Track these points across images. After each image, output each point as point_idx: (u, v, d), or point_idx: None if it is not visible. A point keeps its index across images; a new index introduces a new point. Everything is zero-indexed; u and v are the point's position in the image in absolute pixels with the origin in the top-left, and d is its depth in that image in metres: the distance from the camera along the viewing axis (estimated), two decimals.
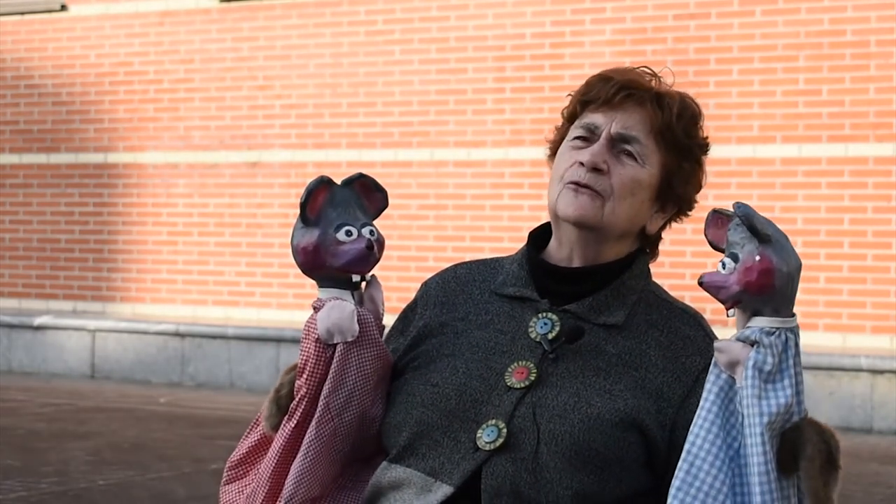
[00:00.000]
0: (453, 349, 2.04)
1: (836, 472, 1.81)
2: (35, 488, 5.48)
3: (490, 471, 1.91)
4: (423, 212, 9.79)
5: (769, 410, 1.79)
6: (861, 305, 8.70)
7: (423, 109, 9.86)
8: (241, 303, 10.31)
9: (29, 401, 8.32)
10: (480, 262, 2.18)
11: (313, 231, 1.96)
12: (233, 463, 2.11)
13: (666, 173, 2.06)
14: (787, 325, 1.82)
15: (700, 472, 1.82)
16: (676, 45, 9.18)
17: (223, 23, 10.54)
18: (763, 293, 1.80)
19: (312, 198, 1.96)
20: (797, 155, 8.86)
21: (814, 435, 1.81)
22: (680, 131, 2.06)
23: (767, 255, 1.80)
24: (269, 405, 2.05)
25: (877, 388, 7.77)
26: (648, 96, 2.06)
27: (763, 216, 1.83)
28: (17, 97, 11.28)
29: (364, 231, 1.96)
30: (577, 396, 1.94)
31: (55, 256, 11.06)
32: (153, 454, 6.40)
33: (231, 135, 10.48)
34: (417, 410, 1.99)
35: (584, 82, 2.10)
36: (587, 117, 2.06)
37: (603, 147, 2.02)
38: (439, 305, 2.11)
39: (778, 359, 1.81)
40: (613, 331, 2.01)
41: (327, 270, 1.97)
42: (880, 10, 8.75)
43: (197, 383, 9.36)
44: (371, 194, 2.02)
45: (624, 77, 2.07)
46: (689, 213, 2.13)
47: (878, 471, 6.51)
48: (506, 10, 9.66)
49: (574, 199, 2.01)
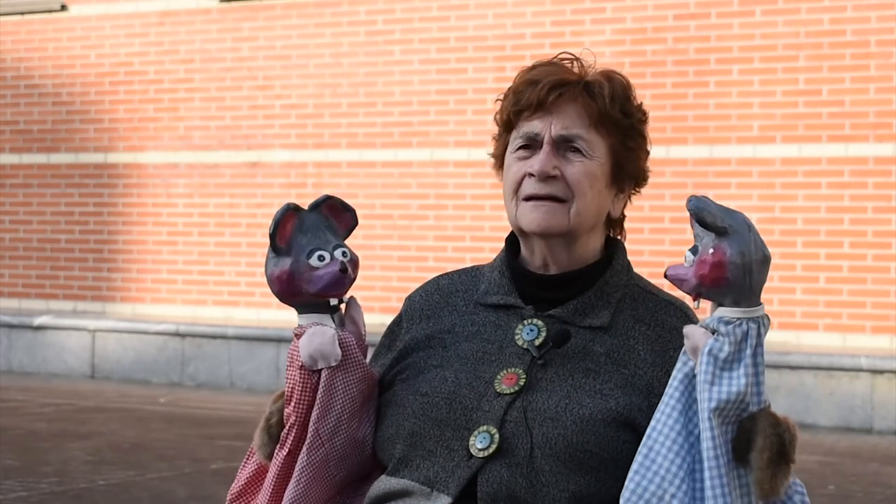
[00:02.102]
0: (441, 360, 2.04)
1: (787, 465, 1.81)
2: (35, 488, 5.48)
3: (486, 478, 1.91)
4: (423, 212, 9.79)
5: (718, 397, 1.80)
6: (861, 305, 8.70)
7: (423, 109, 9.86)
8: (241, 303, 10.30)
9: (29, 401, 8.32)
10: (461, 271, 2.19)
11: (285, 259, 1.96)
12: (233, 495, 2.11)
13: (615, 157, 2.05)
14: (750, 315, 1.82)
15: (658, 455, 1.83)
16: (676, 45, 9.18)
17: (223, 23, 10.54)
18: (718, 285, 1.81)
19: (281, 226, 1.96)
20: (797, 155, 8.86)
21: (767, 427, 1.81)
22: (617, 113, 2.04)
23: (722, 247, 1.80)
24: (261, 434, 2.05)
25: (877, 388, 7.77)
26: (578, 90, 2.04)
27: (723, 207, 1.83)
28: (17, 97, 11.28)
29: (336, 253, 1.97)
30: (569, 398, 1.94)
31: (55, 256, 11.06)
32: (153, 454, 6.40)
33: (231, 135, 10.48)
34: (409, 422, 1.99)
35: (512, 89, 2.08)
36: (524, 126, 2.05)
37: (548, 153, 2.02)
38: (424, 319, 2.12)
39: (735, 348, 1.81)
40: (600, 331, 2.01)
41: (304, 297, 1.97)
42: (880, 10, 8.75)
43: (197, 383, 9.36)
44: (340, 215, 2.02)
45: (551, 76, 2.05)
46: (645, 184, 2.13)
47: (878, 471, 6.51)
48: (506, 10, 9.66)
49: (536, 213, 2.02)
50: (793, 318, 8.80)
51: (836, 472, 6.40)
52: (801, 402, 7.87)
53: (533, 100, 2.03)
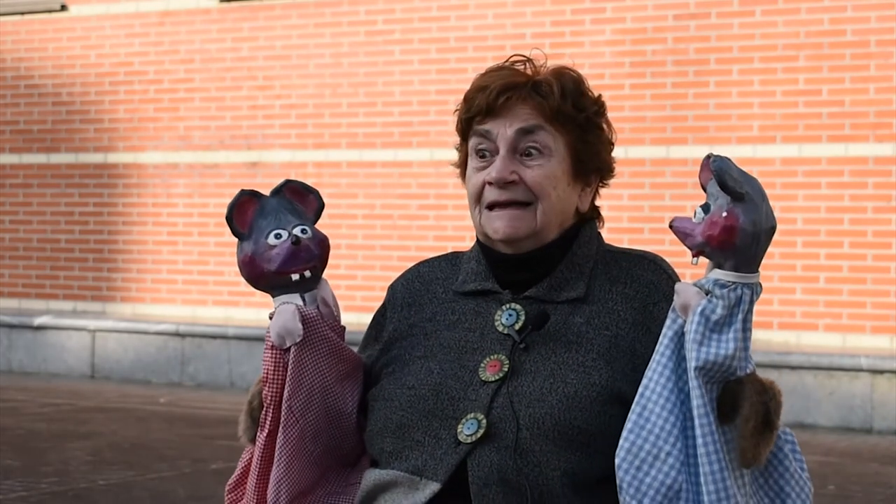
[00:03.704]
0: (425, 351, 2.06)
1: (770, 433, 1.83)
2: (35, 488, 5.48)
3: (475, 462, 1.92)
4: (423, 212, 9.79)
5: (706, 357, 1.81)
6: (861, 305, 8.70)
7: (423, 109, 9.86)
8: (241, 303, 10.30)
9: (29, 401, 8.32)
10: (442, 258, 2.20)
11: (248, 243, 2.00)
12: (231, 486, 2.14)
13: (574, 153, 2.05)
14: (745, 280, 1.84)
15: (652, 414, 1.85)
16: (676, 45, 9.18)
17: (223, 23, 10.54)
18: (724, 248, 1.82)
19: (239, 212, 2.01)
20: (797, 155, 8.86)
21: (753, 394, 1.82)
22: (569, 109, 2.03)
23: (736, 212, 1.81)
24: (245, 418, 2.08)
25: (877, 388, 7.77)
26: (527, 90, 2.04)
27: (743, 172, 1.84)
28: (17, 97, 11.28)
29: (295, 230, 2.00)
30: (553, 377, 1.95)
31: (55, 256, 11.06)
32: (153, 454, 6.40)
33: (231, 135, 10.48)
34: (396, 414, 2.00)
35: (463, 98, 2.09)
36: (477, 132, 2.06)
37: (504, 159, 2.02)
38: (406, 307, 2.13)
39: (728, 311, 1.83)
40: (577, 303, 2.02)
41: (268, 278, 2.00)
42: (880, 10, 8.75)
43: (197, 383, 9.36)
44: (304, 197, 2.08)
45: (499, 81, 2.06)
46: (613, 175, 2.12)
47: (878, 471, 6.51)
48: (506, 10, 9.66)
49: (500, 220, 2.03)
50: (793, 318, 8.80)
51: (836, 472, 6.40)
52: (801, 402, 7.87)
53: (483, 105, 2.04)
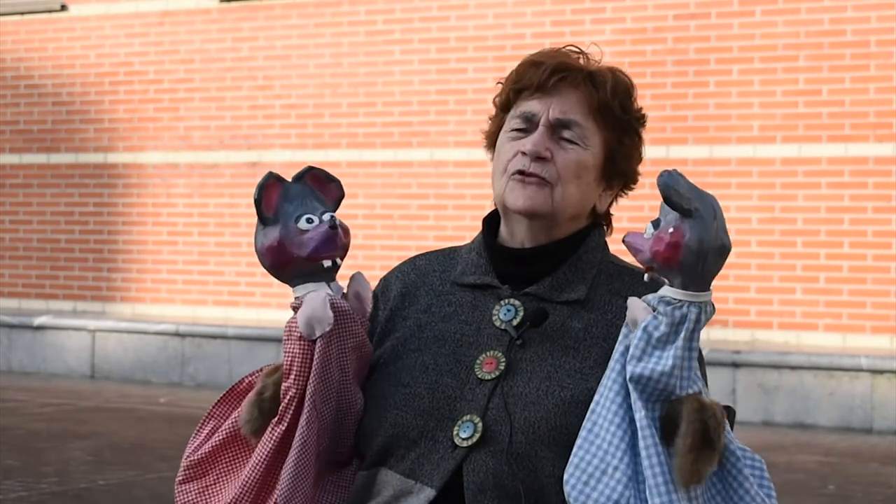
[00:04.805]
0: (419, 344, 2.02)
1: (711, 452, 1.78)
2: (35, 488, 5.48)
3: (471, 468, 1.89)
4: (423, 212, 9.79)
5: (640, 372, 1.79)
6: (861, 305, 8.70)
7: (423, 109, 9.86)
8: (241, 303, 10.30)
9: (29, 401, 8.32)
10: (438, 252, 2.17)
11: (274, 228, 1.93)
12: (192, 461, 2.03)
13: (608, 151, 2.04)
14: (693, 298, 1.80)
15: (601, 430, 1.82)
16: (676, 45, 9.18)
17: (223, 23, 10.54)
18: (669, 266, 1.79)
19: (266, 195, 1.94)
20: (797, 155, 8.86)
21: (692, 412, 1.79)
22: (617, 107, 2.03)
23: (682, 229, 1.78)
24: (251, 408, 1.97)
25: (877, 388, 7.77)
26: (581, 77, 2.03)
27: (694, 187, 1.80)
28: (17, 97, 11.28)
29: (325, 217, 1.93)
30: (549, 380, 1.93)
31: (55, 256, 11.06)
32: (153, 454, 6.40)
33: (231, 135, 10.48)
34: (391, 413, 1.97)
35: (515, 70, 2.07)
36: (522, 105, 2.04)
37: (543, 135, 2.01)
38: (399, 297, 2.09)
39: (671, 329, 1.80)
40: (577, 306, 2.00)
41: (297, 264, 1.93)
42: (880, 10, 8.75)
43: (197, 383, 9.36)
44: (325, 186, 1.99)
45: (554, 60, 2.04)
46: (634, 187, 2.12)
47: (878, 471, 6.51)
48: (506, 10, 9.66)
49: (522, 191, 2.02)
50: (793, 318, 8.80)
51: (836, 472, 6.40)
52: (801, 402, 7.87)
53: (535, 80, 2.02)
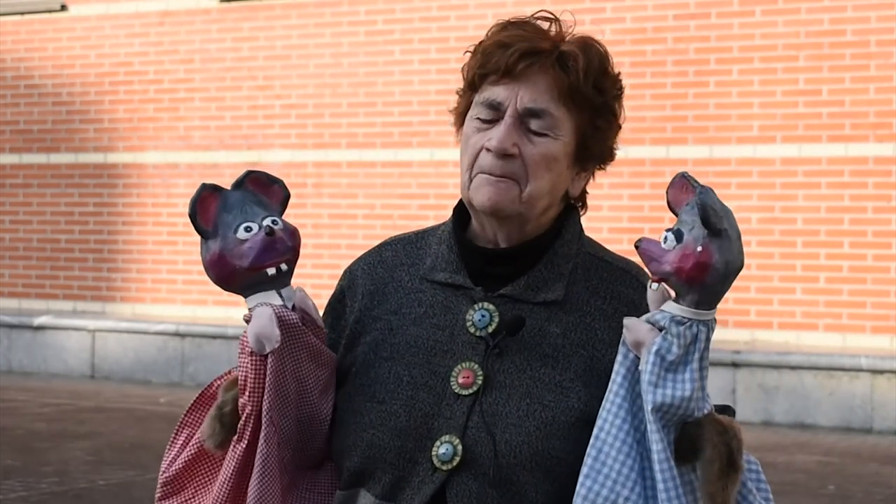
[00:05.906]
0: (391, 351, 1.92)
1: (735, 473, 1.74)
2: (35, 488, 5.48)
3: (454, 492, 1.82)
4: (423, 212, 9.79)
5: (661, 400, 1.73)
6: (861, 305, 8.70)
7: (423, 109, 9.86)
8: (240, 303, 10.23)
9: (29, 401, 8.32)
10: (406, 241, 2.07)
11: (215, 241, 1.87)
12: (168, 477, 1.98)
13: (581, 136, 1.91)
14: (702, 317, 1.75)
15: (608, 458, 1.77)
16: (676, 45, 9.18)
17: (223, 23, 10.54)
18: (692, 283, 1.73)
19: (201, 208, 1.88)
20: (797, 155, 8.86)
21: (714, 435, 1.74)
22: (589, 89, 1.89)
23: (711, 249, 1.72)
24: (212, 422, 1.91)
25: (877, 388, 7.77)
26: (550, 61, 1.89)
27: (723, 205, 1.74)
28: (17, 97, 11.28)
29: (265, 222, 1.86)
30: (530, 397, 1.84)
31: (55, 256, 11.06)
32: (153, 454, 6.40)
33: (231, 135, 10.48)
34: (367, 433, 1.88)
35: (481, 50, 1.94)
36: (488, 91, 1.93)
37: (510, 128, 1.88)
38: (368, 296, 1.99)
39: (684, 350, 1.74)
40: (554, 307, 1.89)
41: (241, 276, 1.87)
42: (880, 10, 8.75)
43: (197, 383, 9.36)
44: (268, 189, 1.92)
45: (523, 42, 1.91)
46: (613, 159, 1.98)
47: (878, 471, 6.51)
48: (506, 10, 9.66)
49: (488, 189, 1.88)
50: (793, 318, 8.80)
51: (836, 472, 6.40)
52: (801, 402, 7.87)
53: (501, 65, 1.90)
